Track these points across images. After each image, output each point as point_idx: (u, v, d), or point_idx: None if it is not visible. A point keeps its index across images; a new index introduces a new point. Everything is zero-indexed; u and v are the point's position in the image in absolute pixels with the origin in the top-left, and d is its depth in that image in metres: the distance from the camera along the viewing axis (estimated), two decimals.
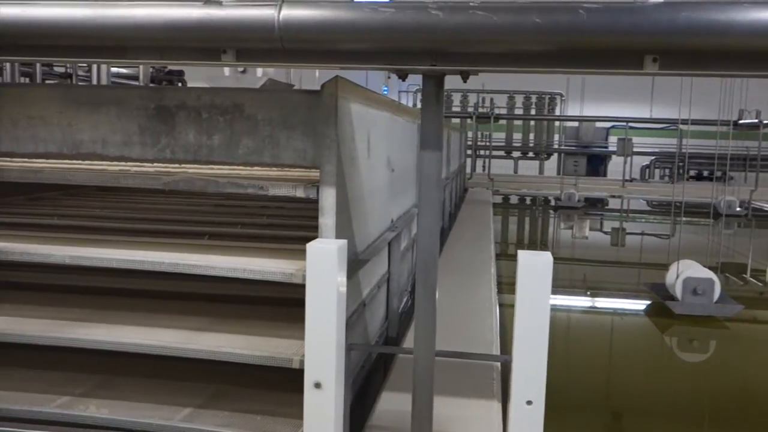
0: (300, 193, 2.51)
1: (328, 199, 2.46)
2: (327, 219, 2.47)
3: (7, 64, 10.13)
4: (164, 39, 2.16)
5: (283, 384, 3.08)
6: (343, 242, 2.42)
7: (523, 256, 2.27)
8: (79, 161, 2.70)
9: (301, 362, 2.51)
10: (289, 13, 2.06)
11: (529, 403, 2.28)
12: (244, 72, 4.54)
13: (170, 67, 13.62)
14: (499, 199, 15.53)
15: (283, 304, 3.47)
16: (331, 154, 2.45)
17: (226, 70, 4.70)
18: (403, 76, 2.31)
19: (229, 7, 2.08)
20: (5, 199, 4.61)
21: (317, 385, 2.34)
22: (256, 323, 3.06)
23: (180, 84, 12.71)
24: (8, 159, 2.79)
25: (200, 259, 2.74)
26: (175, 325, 2.98)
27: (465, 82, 2.31)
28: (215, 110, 2.51)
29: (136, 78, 12.66)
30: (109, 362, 3.19)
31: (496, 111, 17.85)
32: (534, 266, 2.25)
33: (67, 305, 3.25)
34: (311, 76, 14.48)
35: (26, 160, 2.85)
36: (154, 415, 2.76)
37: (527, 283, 2.25)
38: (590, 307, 7.75)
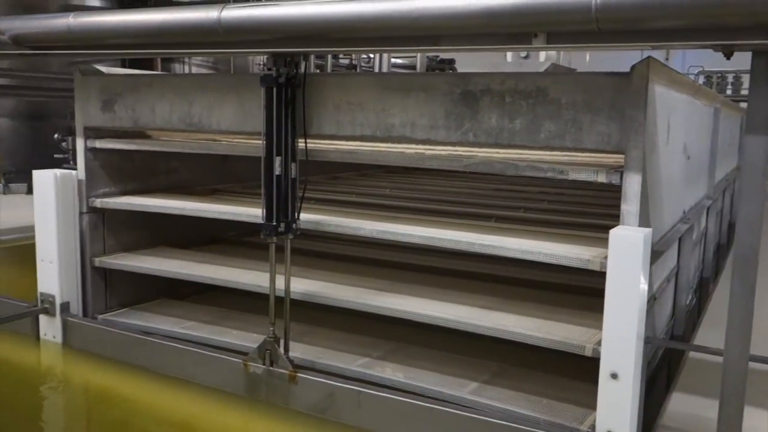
0: (602, 178, 2.45)
1: (632, 185, 2.37)
2: (630, 206, 2.38)
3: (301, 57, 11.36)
4: (479, 26, 2.24)
5: (562, 369, 3.06)
6: (648, 231, 2.32)
7: None
8: (389, 144, 2.92)
9: (594, 350, 2.47)
10: None
11: None
12: (526, 57, 4.55)
13: (441, 56, 14.14)
14: None
15: (561, 290, 3.44)
16: (638, 138, 2.36)
17: (509, 57, 4.74)
18: (728, 54, 2.13)
19: None
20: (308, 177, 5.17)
21: (614, 376, 2.29)
22: (541, 307, 3.06)
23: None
24: (329, 141, 3.12)
25: (494, 240, 2.81)
26: (463, 301, 3.10)
27: None
28: (518, 95, 2.54)
29: (411, 67, 13.38)
30: (400, 331, 3.44)
31: None
32: None
33: (365, 275, 3.56)
34: (581, 60, 13.97)
35: (342, 142, 3.16)
36: (443, 385, 2.92)
37: None
38: None
